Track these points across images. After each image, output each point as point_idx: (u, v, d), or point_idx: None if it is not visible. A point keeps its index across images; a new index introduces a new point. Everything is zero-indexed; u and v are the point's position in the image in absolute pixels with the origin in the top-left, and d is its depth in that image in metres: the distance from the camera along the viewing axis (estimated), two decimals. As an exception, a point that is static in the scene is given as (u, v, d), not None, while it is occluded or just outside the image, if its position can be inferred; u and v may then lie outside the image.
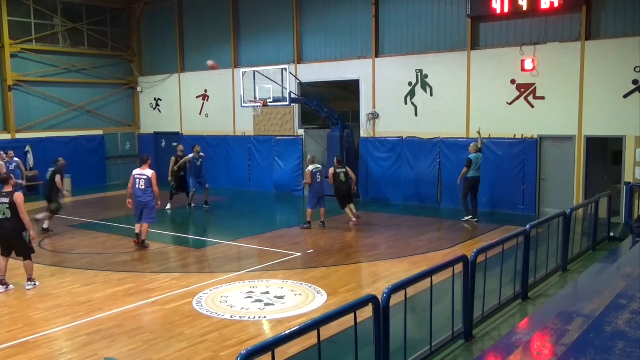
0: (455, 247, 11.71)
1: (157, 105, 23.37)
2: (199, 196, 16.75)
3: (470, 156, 14.18)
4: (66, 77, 21.84)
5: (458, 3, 15.77)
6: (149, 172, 11.89)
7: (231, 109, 20.86)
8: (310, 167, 13.77)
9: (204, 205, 16.57)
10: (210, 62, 17.67)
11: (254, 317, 7.88)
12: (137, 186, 11.87)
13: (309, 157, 14.59)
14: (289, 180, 19.28)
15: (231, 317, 7.87)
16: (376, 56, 17.40)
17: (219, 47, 21.03)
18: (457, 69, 15.84)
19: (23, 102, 20.74)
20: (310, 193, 13.86)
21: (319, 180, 13.79)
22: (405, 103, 16.90)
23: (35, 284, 9.47)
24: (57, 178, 13.44)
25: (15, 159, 16.78)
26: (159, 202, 12.13)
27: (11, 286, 9.42)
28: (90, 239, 13.11)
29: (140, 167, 12.16)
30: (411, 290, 5.57)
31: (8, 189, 9.26)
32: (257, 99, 16.87)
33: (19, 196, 9.18)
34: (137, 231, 12.07)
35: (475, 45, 15.65)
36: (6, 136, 20.25)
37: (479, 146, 14.74)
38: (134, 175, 11.99)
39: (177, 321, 7.77)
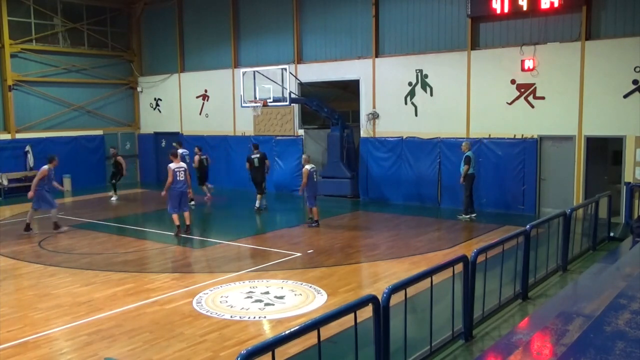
0: (455, 247, 11.71)
1: (157, 105, 23.37)
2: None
3: (467, 153, 14.34)
4: (66, 77, 21.84)
5: (458, 3, 15.77)
6: (184, 165, 13.23)
7: (231, 109, 20.86)
8: (308, 167, 13.87)
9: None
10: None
11: (254, 317, 7.88)
12: (177, 178, 12.88)
13: (304, 156, 14.65)
14: (289, 180, 19.28)
15: (231, 317, 7.87)
16: (376, 56, 17.40)
17: (219, 47, 21.04)
18: (457, 69, 15.84)
19: (23, 102, 20.74)
20: (309, 192, 13.91)
21: (315, 179, 14.10)
22: (405, 103, 16.90)
23: None
24: None
25: None
26: (190, 191, 13.77)
27: None
28: (90, 239, 13.11)
29: (174, 161, 13.13)
30: (411, 290, 5.57)
31: None
32: (257, 99, 16.88)
33: None
34: (177, 222, 13.03)
35: (475, 45, 15.65)
36: (6, 136, 20.25)
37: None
38: (173, 170, 12.91)
39: (177, 321, 7.77)
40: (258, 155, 16.10)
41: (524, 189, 15.05)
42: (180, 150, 16.83)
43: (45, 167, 13.49)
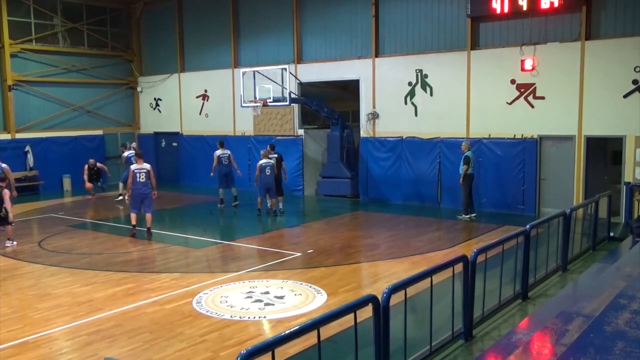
0: (455, 247, 11.71)
1: (157, 105, 23.37)
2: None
3: (467, 153, 14.36)
4: (66, 77, 21.83)
5: (458, 3, 15.77)
6: (147, 166, 13.20)
7: (231, 109, 20.86)
8: (261, 161, 15.07)
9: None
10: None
11: (254, 317, 7.88)
12: (137, 179, 12.90)
13: (262, 151, 15.64)
14: (289, 180, 19.23)
15: (231, 317, 7.87)
16: (376, 56, 17.39)
17: (219, 47, 21.04)
18: (457, 69, 15.84)
19: (23, 102, 20.73)
20: (260, 184, 15.11)
21: (267, 173, 14.96)
22: (405, 103, 16.90)
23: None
24: None
25: (3, 165, 14.62)
26: (155, 192, 13.42)
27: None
28: (90, 239, 13.12)
29: (137, 162, 13.35)
30: (411, 290, 5.57)
31: None
32: (257, 99, 16.89)
33: None
34: (134, 222, 13.14)
35: (475, 45, 15.65)
36: (6, 136, 20.25)
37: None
38: (133, 171, 13.02)
39: (177, 321, 7.77)
40: (276, 155, 15.84)
41: (524, 189, 15.04)
42: (125, 154, 17.71)
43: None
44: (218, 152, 16.76)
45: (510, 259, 7.68)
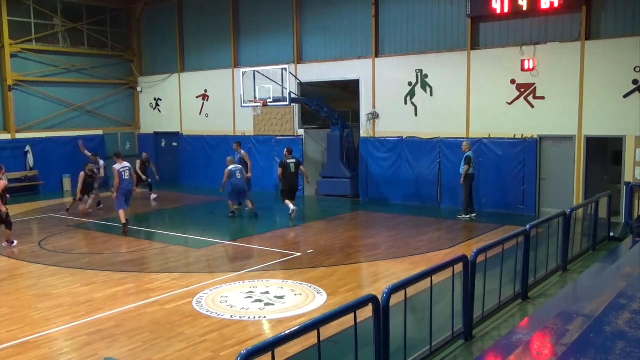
0: (455, 247, 11.71)
1: (157, 105, 23.37)
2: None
3: (468, 154, 14.37)
4: (66, 77, 21.83)
5: (458, 3, 15.77)
6: (127, 164, 13.90)
7: (231, 109, 20.86)
8: (230, 167, 15.15)
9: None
10: None
11: (254, 317, 7.88)
12: (124, 177, 13.55)
13: (228, 158, 15.71)
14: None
15: (231, 317, 7.87)
16: (376, 56, 17.39)
17: (219, 47, 21.04)
18: (457, 69, 15.84)
19: (23, 102, 20.73)
20: (231, 189, 15.23)
21: (238, 177, 15.09)
22: (405, 103, 16.90)
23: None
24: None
25: None
26: (136, 189, 14.45)
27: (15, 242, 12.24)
28: (90, 239, 13.12)
29: (118, 162, 13.78)
30: (411, 290, 5.57)
31: None
32: (257, 99, 16.89)
33: None
34: (123, 220, 13.48)
35: (475, 45, 15.65)
36: (6, 136, 20.25)
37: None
38: (119, 170, 13.51)
39: (177, 321, 7.77)
40: (294, 161, 15.27)
41: (524, 189, 15.05)
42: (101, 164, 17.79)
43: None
44: (243, 151, 16.99)
45: (510, 259, 7.68)
